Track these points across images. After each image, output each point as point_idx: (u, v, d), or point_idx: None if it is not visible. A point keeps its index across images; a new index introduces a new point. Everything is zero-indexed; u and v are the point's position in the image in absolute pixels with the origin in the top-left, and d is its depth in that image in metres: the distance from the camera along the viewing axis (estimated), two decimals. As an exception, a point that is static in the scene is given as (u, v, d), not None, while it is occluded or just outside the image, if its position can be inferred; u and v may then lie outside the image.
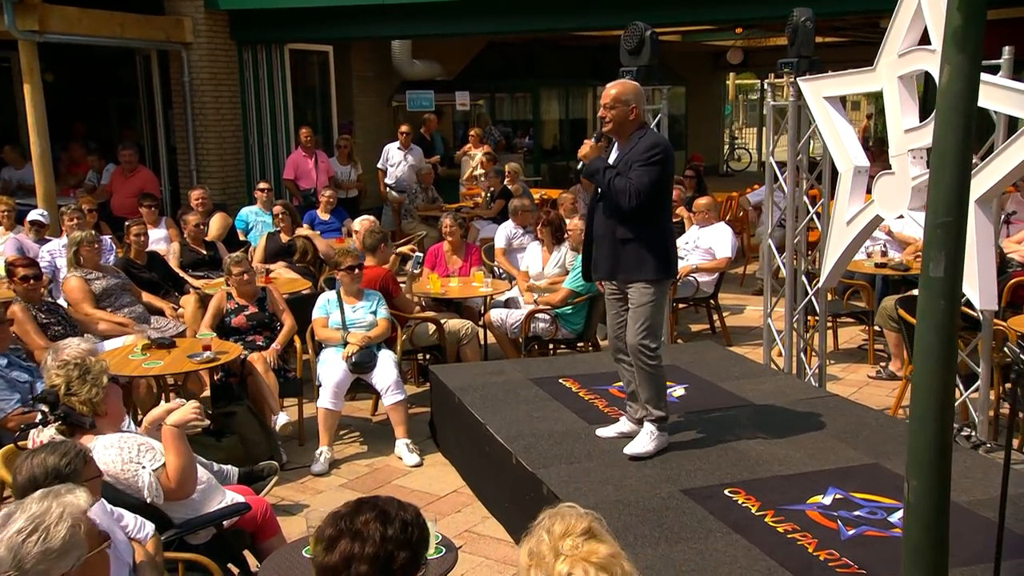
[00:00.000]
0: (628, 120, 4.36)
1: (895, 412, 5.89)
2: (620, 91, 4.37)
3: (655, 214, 4.35)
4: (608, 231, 4.42)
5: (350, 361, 5.69)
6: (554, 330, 6.67)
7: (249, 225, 9.19)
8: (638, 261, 4.34)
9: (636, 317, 4.39)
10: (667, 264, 4.40)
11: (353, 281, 5.95)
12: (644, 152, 4.26)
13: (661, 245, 4.36)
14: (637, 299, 4.39)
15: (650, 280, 4.35)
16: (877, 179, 4.82)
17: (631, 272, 4.39)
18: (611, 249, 4.42)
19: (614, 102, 4.35)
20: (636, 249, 4.34)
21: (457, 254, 7.54)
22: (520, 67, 17.44)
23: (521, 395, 5.44)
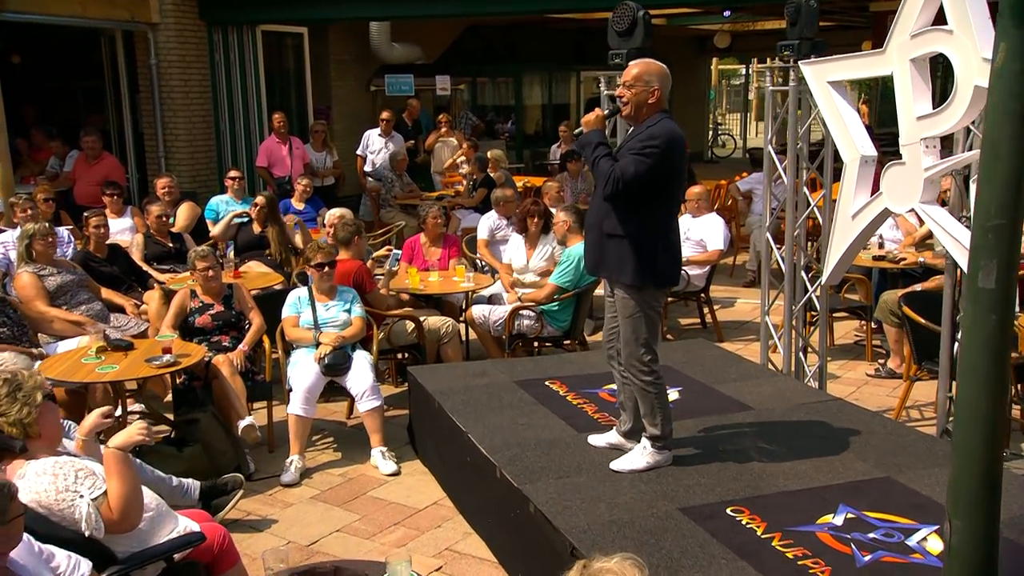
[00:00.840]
0: (647, 103, 3.96)
1: (898, 415, 5.60)
2: (643, 70, 3.98)
3: (647, 212, 3.94)
4: (596, 221, 4.08)
5: (322, 363, 5.33)
6: (539, 328, 6.33)
7: (219, 215, 8.77)
8: (619, 260, 3.97)
9: (625, 329, 4.05)
10: (652, 270, 3.96)
11: (324, 279, 5.58)
12: (641, 140, 3.89)
13: (649, 248, 3.94)
14: (622, 308, 4.04)
15: (629, 285, 3.96)
16: (886, 170, 4.49)
17: (612, 271, 4.04)
18: (597, 242, 4.08)
19: (634, 81, 3.96)
20: (619, 246, 3.96)
21: (436, 246, 7.18)
22: (502, 51, 17.03)
23: (505, 399, 5.11)
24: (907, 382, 5.57)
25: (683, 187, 4.11)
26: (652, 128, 3.91)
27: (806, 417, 4.72)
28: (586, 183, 10.43)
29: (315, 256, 5.58)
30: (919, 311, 5.51)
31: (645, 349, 4.05)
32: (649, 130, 3.91)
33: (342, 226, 6.18)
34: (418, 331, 6.13)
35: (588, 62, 18.17)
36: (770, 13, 16.41)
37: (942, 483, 3.88)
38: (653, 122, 3.94)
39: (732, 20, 16.99)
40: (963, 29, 3.97)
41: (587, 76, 18.57)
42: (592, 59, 18.49)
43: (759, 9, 15.34)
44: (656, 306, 4.12)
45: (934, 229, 4.27)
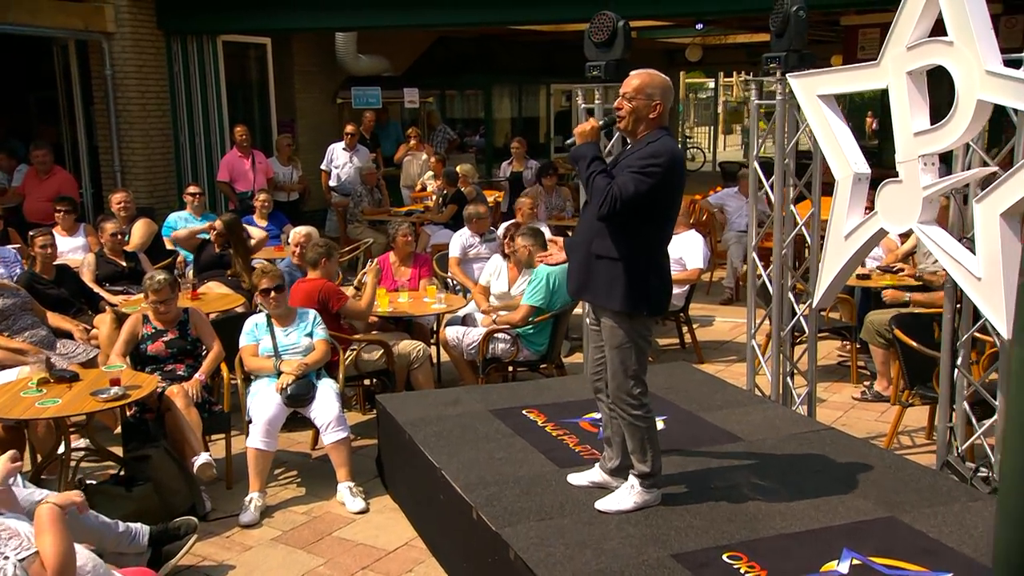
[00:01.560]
0: (647, 118, 3.68)
1: (889, 443, 5.37)
2: (645, 82, 3.68)
3: (642, 234, 3.66)
4: (584, 240, 3.79)
5: (284, 394, 5.00)
6: (515, 351, 6.03)
7: (179, 232, 8.41)
8: (608, 284, 3.68)
9: (613, 360, 3.76)
10: (645, 296, 3.67)
11: (276, 304, 5.24)
12: (642, 158, 3.59)
13: (641, 273, 3.66)
14: (610, 337, 3.74)
15: (618, 312, 3.68)
16: (881, 188, 4.27)
17: (598, 296, 3.75)
18: (583, 262, 3.79)
19: (635, 93, 3.66)
20: (610, 269, 3.67)
21: (406, 265, 6.87)
22: (471, 63, 16.77)
23: (480, 431, 4.80)
24: (898, 407, 5.34)
25: (678, 210, 3.83)
26: (654, 145, 3.63)
27: (799, 449, 4.46)
28: (560, 198, 10.18)
29: (260, 282, 5.24)
30: (910, 334, 5.29)
31: (635, 382, 3.77)
32: (650, 147, 3.63)
33: (311, 247, 5.85)
34: (387, 356, 5.81)
35: (559, 75, 17.97)
36: (741, 27, 16.31)
37: (950, 523, 3.64)
38: (653, 139, 3.67)
39: (703, 33, 16.86)
40: (964, 40, 3.75)
41: (557, 89, 18.36)
42: (563, 72, 18.29)
43: (730, 23, 15.22)
44: (647, 335, 3.83)
45: (934, 251, 4.04)
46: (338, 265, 6.01)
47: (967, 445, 4.33)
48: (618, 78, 5.65)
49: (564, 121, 18.29)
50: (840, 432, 4.77)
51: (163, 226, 8.44)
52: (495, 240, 7.76)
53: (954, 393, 4.39)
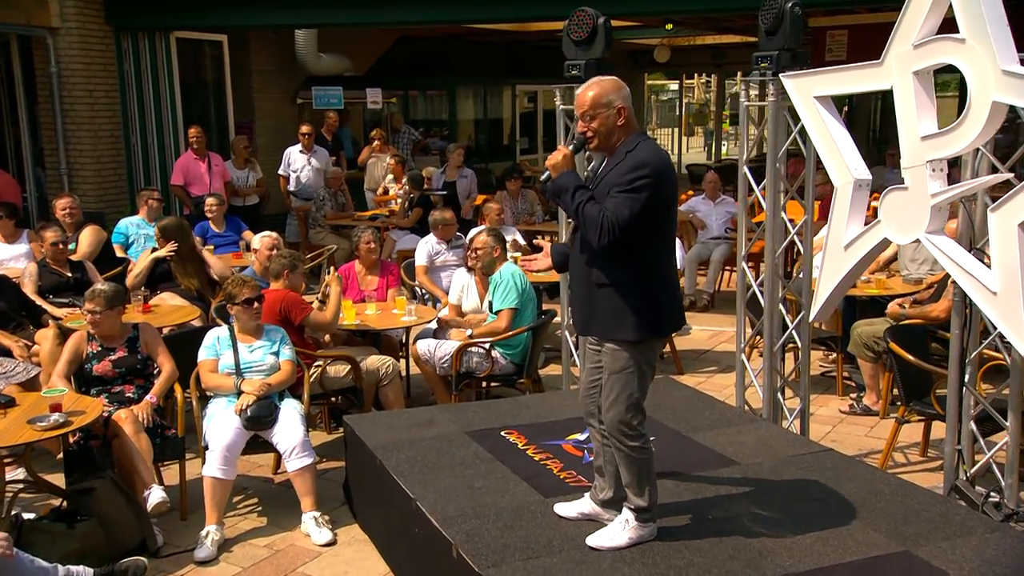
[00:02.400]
0: (616, 127, 3.37)
1: (884, 462, 5.12)
2: (599, 92, 3.36)
3: (642, 253, 3.37)
4: (583, 272, 3.47)
5: (244, 416, 4.63)
6: (490, 365, 5.70)
7: (129, 239, 7.96)
8: (615, 314, 3.37)
9: (612, 386, 3.44)
10: (654, 320, 3.39)
11: (252, 316, 4.88)
12: (626, 173, 3.27)
13: (648, 295, 3.37)
14: (611, 363, 3.43)
15: (628, 341, 3.38)
16: (885, 196, 4.00)
17: (606, 328, 3.42)
18: (585, 295, 3.47)
19: (593, 108, 3.35)
20: (613, 298, 3.37)
21: (372, 273, 6.51)
22: (434, 63, 16.42)
23: (457, 455, 4.47)
24: (893, 424, 5.10)
25: (676, 216, 3.52)
26: (634, 155, 3.32)
27: (798, 473, 4.19)
28: (527, 202, 9.87)
29: (240, 291, 4.86)
30: (905, 347, 5.06)
31: (635, 411, 3.46)
32: (631, 157, 3.31)
33: (276, 258, 5.47)
34: (354, 373, 5.45)
35: (523, 76, 17.69)
36: (709, 27, 16.13)
37: (970, 559, 3.38)
38: (631, 146, 3.36)
39: (672, 35, 16.66)
40: (977, 37, 3.49)
41: (523, 90, 18.08)
42: (527, 73, 18.03)
43: (699, 23, 15.02)
44: (653, 360, 3.53)
45: (944, 263, 3.78)
46: (303, 277, 5.63)
47: (976, 469, 4.07)
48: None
49: (529, 122, 18.03)
50: (839, 453, 4.50)
51: (113, 232, 7.99)
52: (463, 246, 7.43)
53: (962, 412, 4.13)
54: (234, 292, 4.89)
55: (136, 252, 7.73)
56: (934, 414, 4.88)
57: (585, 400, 3.73)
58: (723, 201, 9.36)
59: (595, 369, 3.61)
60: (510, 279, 5.75)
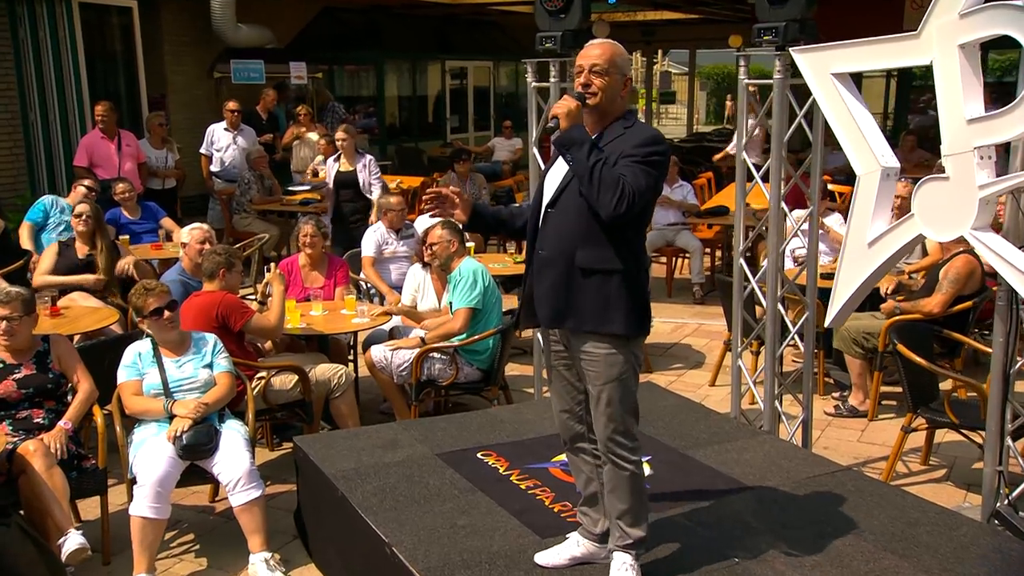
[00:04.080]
0: (619, 96, 3.01)
1: (888, 474, 4.71)
2: (616, 52, 3.01)
3: (636, 238, 3.02)
4: (561, 252, 2.98)
5: (179, 443, 3.96)
6: (454, 372, 5.11)
7: (48, 220, 7.10)
8: (602, 304, 2.94)
9: (606, 397, 2.98)
10: (644, 312, 3.03)
11: (166, 329, 4.18)
12: (641, 146, 2.90)
13: (637, 283, 2.99)
14: (604, 368, 2.96)
15: (618, 336, 2.95)
16: (920, 186, 3.54)
17: (588, 320, 2.96)
18: (562, 280, 2.98)
19: (608, 66, 2.96)
20: (604, 286, 2.94)
21: (318, 270, 5.83)
22: (360, 37, 15.58)
23: (432, 485, 3.89)
24: (900, 434, 4.69)
25: None
26: (639, 130, 2.99)
27: (822, 499, 3.72)
28: (475, 186, 9.26)
29: (145, 302, 4.15)
30: (909, 346, 4.66)
31: (633, 419, 3.05)
32: (638, 133, 2.97)
33: (207, 255, 4.76)
34: (303, 384, 4.80)
35: (454, 51, 16.99)
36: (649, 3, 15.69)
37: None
38: (628, 124, 3.01)
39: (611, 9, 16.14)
40: (1040, 5, 3.04)
41: (453, 66, 17.37)
42: (457, 48, 17.33)
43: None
44: (641, 359, 3.12)
45: (994, 262, 3.34)
46: (241, 276, 4.93)
47: (1020, 492, 3.67)
48: (576, 51, 4.85)
49: (459, 100, 17.34)
50: (858, 473, 4.07)
51: (32, 209, 7.14)
52: (413, 236, 6.80)
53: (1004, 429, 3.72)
54: (138, 304, 4.17)
55: (48, 239, 6.89)
56: (947, 423, 4.49)
57: (570, 421, 3.23)
58: (681, 186, 8.90)
59: (569, 386, 3.17)
60: (471, 276, 5.17)
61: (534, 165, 5.08)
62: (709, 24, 18.81)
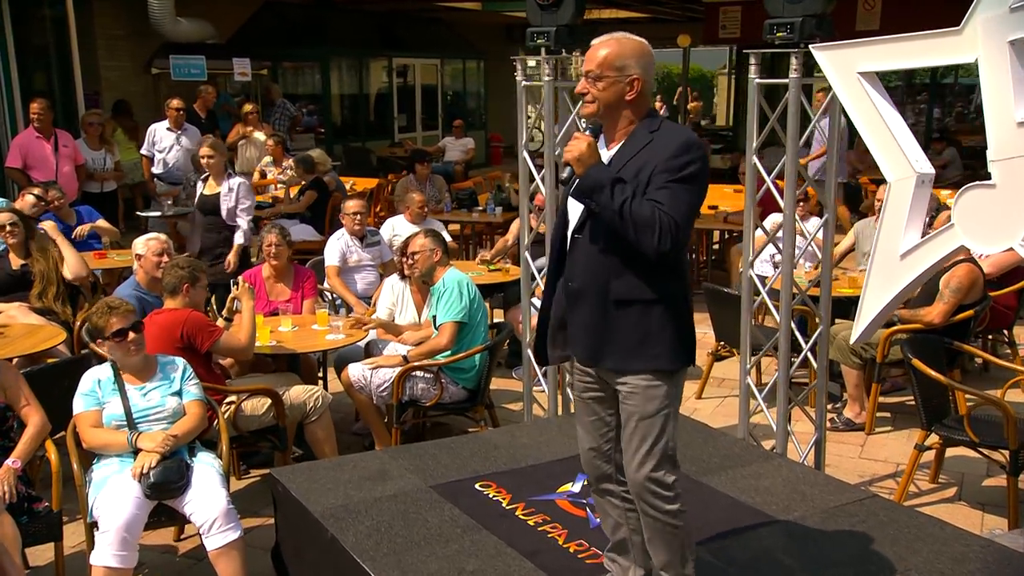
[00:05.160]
0: (624, 100, 2.67)
1: (901, 496, 4.48)
2: (614, 52, 2.66)
3: (677, 261, 2.71)
4: (592, 283, 2.68)
5: (146, 481, 3.53)
6: (439, 392, 4.75)
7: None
8: (642, 338, 2.64)
9: (643, 435, 2.68)
10: (690, 342, 2.74)
11: (130, 352, 3.75)
12: (674, 156, 2.57)
13: (681, 311, 2.70)
14: (641, 405, 2.67)
15: (662, 372, 2.65)
16: (962, 194, 3.30)
17: (629, 357, 2.66)
18: (597, 314, 2.68)
19: (602, 69, 2.65)
20: (642, 317, 2.64)
21: (283, 281, 5.41)
22: (304, 32, 15.04)
23: (431, 523, 3.53)
24: (913, 452, 4.47)
25: None
26: (668, 135, 2.64)
27: (854, 532, 3.46)
28: (435, 189, 8.88)
29: (107, 322, 3.71)
30: (921, 359, 4.44)
31: (670, 463, 2.73)
32: (668, 138, 2.63)
33: (168, 268, 4.31)
34: (277, 409, 4.39)
35: (400, 48, 16.54)
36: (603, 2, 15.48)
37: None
38: (653, 126, 2.67)
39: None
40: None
41: (399, 63, 16.92)
42: (404, 45, 16.89)
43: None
44: (680, 396, 2.81)
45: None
46: (207, 291, 4.50)
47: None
48: (570, 47, 4.55)
49: (407, 98, 16.89)
50: (885, 500, 3.82)
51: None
52: (379, 243, 6.41)
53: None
54: (99, 324, 3.72)
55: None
56: (965, 441, 4.27)
57: (596, 460, 2.93)
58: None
59: (603, 421, 2.87)
60: (455, 287, 4.81)
61: (525, 172, 4.75)
62: (658, 23, 18.69)
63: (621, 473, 2.86)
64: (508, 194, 8.98)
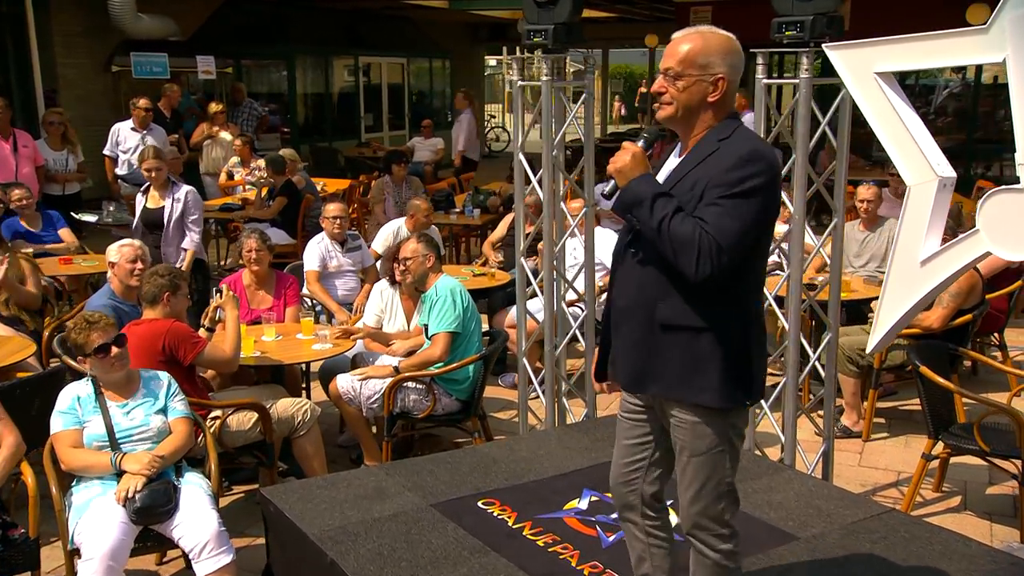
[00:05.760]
0: (706, 103, 2.44)
1: (908, 506, 4.39)
2: (698, 48, 2.43)
3: (737, 285, 2.43)
4: (639, 303, 2.49)
5: (131, 506, 3.32)
6: (432, 403, 4.57)
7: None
8: (690, 368, 2.42)
9: (695, 472, 2.49)
10: (747, 379, 2.46)
11: (113, 368, 3.52)
12: (732, 170, 2.33)
13: (741, 341, 2.45)
14: (691, 441, 2.47)
15: (713, 409, 2.43)
16: (988, 199, 3.19)
17: (674, 387, 2.46)
18: (641, 337, 2.49)
19: (683, 66, 2.42)
20: (690, 345, 2.43)
21: (264, 288, 5.19)
22: (268, 29, 14.73)
23: (436, 545, 3.36)
24: (920, 462, 4.38)
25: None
26: (735, 144, 2.39)
27: (880, 551, 3.34)
28: (411, 190, 8.67)
29: (88, 338, 3.48)
30: (928, 367, 4.35)
31: (727, 502, 2.53)
32: (733, 148, 2.38)
33: (147, 277, 4.07)
34: (264, 424, 4.17)
35: (366, 47, 16.28)
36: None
37: None
38: (723, 133, 2.43)
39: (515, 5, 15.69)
40: None
41: (366, 62, 16.66)
42: (370, 44, 16.63)
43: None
44: (743, 430, 2.58)
45: None
46: (188, 300, 4.26)
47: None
48: (568, 45, 4.39)
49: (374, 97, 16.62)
50: (904, 515, 3.73)
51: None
52: (360, 248, 6.21)
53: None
54: (79, 341, 3.49)
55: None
56: (975, 450, 4.19)
57: (622, 486, 2.73)
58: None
59: (641, 445, 2.66)
60: (448, 296, 4.63)
61: (520, 174, 4.58)
62: (625, 23, 18.61)
63: (648, 506, 2.69)
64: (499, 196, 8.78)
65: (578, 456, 4.16)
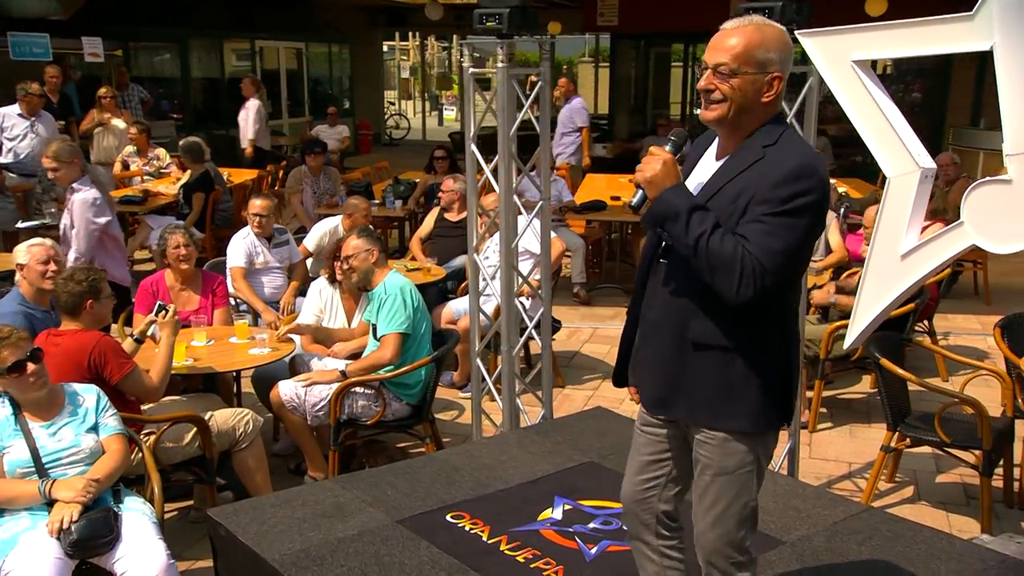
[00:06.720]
0: (760, 103, 2.24)
1: (868, 498, 4.36)
2: (755, 42, 2.21)
3: (774, 305, 2.27)
4: (670, 318, 2.32)
5: (67, 538, 2.96)
6: (381, 408, 4.29)
7: None
8: (723, 391, 2.26)
9: (719, 493, 2.33)
10: (782, 402, 2.32)
11: (32, 387, 3.14)
12: (780, 186, 2.15)
13: (777, 363, 2.29)
14: (718, 459, 2.31)
15: (746, 434, 2.28)
16: (972, 190, 3.15)
17: (703, 410, 2.30)
18: (670, 355, 2.32)
19: (739, 62, 2.20)
20: (722, 366, 2.26)
21: (190, 288, 4.80)
22: (158, 10, 13.94)
23: (409, 565, 3.13)
24: (880, 454, 4.36)
25: None
26: (783, 154, 2.20)
27: (865, 551, 3.27)
28: (330, 181, 8.30)
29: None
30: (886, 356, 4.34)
31: (748, 526, 2.38)
32: (780, 159, 2.19)
33: (66, 283, 3.64)
34: (203, 438, 3.82)
35: (259, 30, 15.63)
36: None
37: None
38: (769, 139, 2.24)
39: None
40: None
41: (265, 46, 16.00)
42: (266, 27, 16.00)
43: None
44: (772, 451, 2.44)
45: None
46: (112, 302, 3.86)
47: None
48: (522, 30, 4.18)
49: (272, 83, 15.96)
50: (883, 513, 3.66)
51: None
52: (287, 243, 5.86)
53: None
54: None
55: None
56: (935, 441, 4.19)
57: (636, 504, 2.54)
58: (554, 181, 8.34)
59: (658, 462, 2.48)
60: (397, 294, 4.36)
61: (472, 166, 4.34)
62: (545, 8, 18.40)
63: (662, 526, 2.51)
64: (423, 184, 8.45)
65: (542, 461, 3.96)
